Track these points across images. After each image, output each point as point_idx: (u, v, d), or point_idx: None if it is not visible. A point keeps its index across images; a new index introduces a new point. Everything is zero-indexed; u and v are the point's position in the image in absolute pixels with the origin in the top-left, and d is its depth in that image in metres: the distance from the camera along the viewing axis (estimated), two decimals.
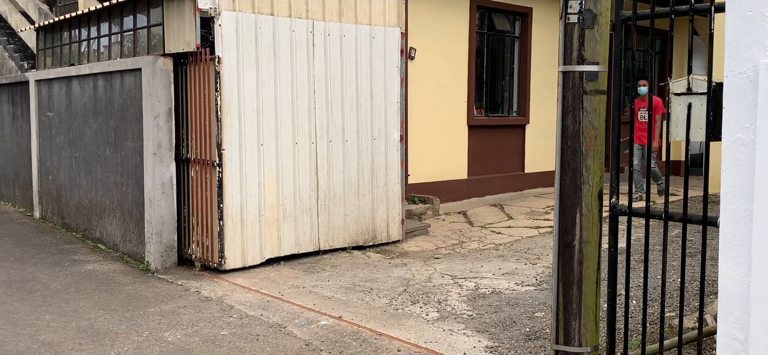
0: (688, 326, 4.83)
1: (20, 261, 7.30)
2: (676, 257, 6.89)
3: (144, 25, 7.67)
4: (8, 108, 11.09)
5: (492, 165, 11.85)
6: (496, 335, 5.03)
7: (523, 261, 7.30)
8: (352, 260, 7.38)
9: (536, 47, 12.25)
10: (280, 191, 7.09)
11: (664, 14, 3.22)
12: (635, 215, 3.36)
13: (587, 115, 3.32)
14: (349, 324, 5.27)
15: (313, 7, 7.25)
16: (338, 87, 7.49)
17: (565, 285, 3.46)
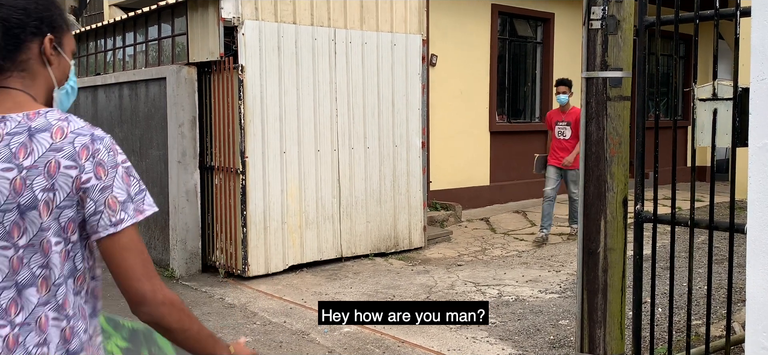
0: (715, 334, 4.76)
1: None
2: (702, 265, 6.81)
3: (168, 34, 7.77)
4: None
5: (514, 171, 11.79)
6: (520, 342, 5.00)
7: (547, 268, 7.26)
8: (374, 267, 7.38)
9: (558, 53, 12.19)
10: (303, 198, 7.13)
11: (689, 19, 3.20)
12: (661, 221, 3.33)
13: (611, 121, 3.30)
14: (371, 331, 5.28)
15: (335, 15, 7.29)
16: (360, 94, 7.52)
17: (589, 293, 3.44)
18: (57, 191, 1.47)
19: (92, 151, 1.49)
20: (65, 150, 1.48)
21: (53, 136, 1.48)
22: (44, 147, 1.47)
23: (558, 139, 8.50)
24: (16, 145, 1.46)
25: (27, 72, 1.53)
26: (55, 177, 1.46)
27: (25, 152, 1.46)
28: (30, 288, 1.50)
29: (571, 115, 8.29)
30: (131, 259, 1.53)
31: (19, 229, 1.47)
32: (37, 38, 1.53)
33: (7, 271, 1.49)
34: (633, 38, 3.35)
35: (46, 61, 1.55)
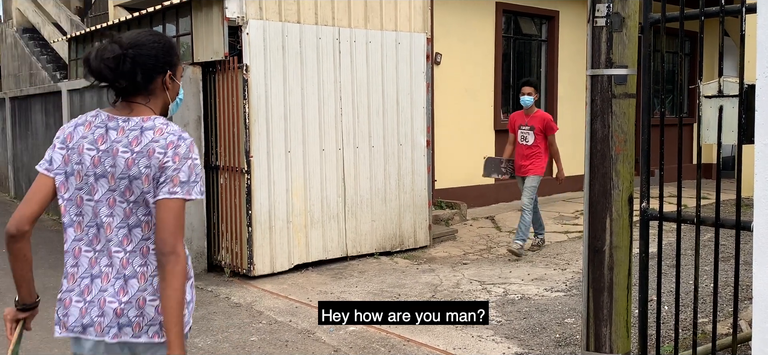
0: (721, 332, 4.75)
1: (54, 268, 7.43)
2: (708, 262, 6.79)
3: (173, 34, 7.78)
4: (41, 117, 11.31)
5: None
6: (526, 341, 4.99)
7: (553, 266, 7.24)
8: (379, 265, 7.38)
9: (563, 51, 12.16)
10: (308, 197, 7.13)
11: (694, 16, 3.18)
12: (666, 219, 3.32)
13: (616, 118, 3.29)
14: (376, 330, 5.28)
15: (339, 14, 7.29)
16: (364, 93, 7.52)
17: (595, 291, 3.43)
18: (152, 168, 2.19)
19: (175, 146, 2.21)
20: (160, 142, 2.20)
21: (155, 133, 2.22)
22: (148, 139, 2.21)
23: (520, 144, 7.73)
24: (132, 137, 2.22)
25: (151, 94, 2.30)
26: (151, 159, 2.19)
27: (136, 142, 2.21)
28: (136, 228, 2.26)
29: (535, 120, 7.60)
30: (171, 218, 2.16)
31: (130, 191, 2.22)
32: (160, 74, 2.30)
33: (123, 217, 2.25)
34: (638, 35, 3.34)
35: (165, 87, 2.33)
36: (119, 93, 2.30)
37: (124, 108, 2.29)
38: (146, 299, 2.24)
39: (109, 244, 2.26)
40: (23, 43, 16.65)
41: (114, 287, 2.24)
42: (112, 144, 2.22)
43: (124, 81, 2.23)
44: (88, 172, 2.24)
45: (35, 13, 16.72)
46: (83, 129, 2.28)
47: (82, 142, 2.25)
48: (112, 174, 2.22)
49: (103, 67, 2.21)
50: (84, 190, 2.26)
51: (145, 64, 2.24)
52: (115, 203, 2.24)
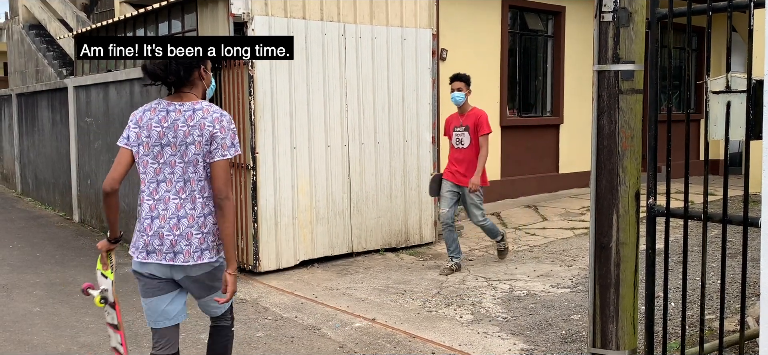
0: (729, 328, 4.73)
1: (61, 264, 7.45)
2: (715, 259, 6.76)
3: (178, 30, 7.78)
4: (48, 114, 11.34)
5: (525, 166, 11.75)
6: (532, 337, 4.98)
7: (559, 263, 7.23)
8: (385, 262, 7.38)
9: (570, 46, 12.12)
10: (313, 193, 7.13)
11: (701, 11, 3.16)
12: (673, 215, 3.30)
13: (623, 114, 3.28)
14: (382, 326, 5.27)
15: (345, 10, 7.28)
16: (370, 89, 7.51)
17: (601, 287, 3.42)
18: (203, 137, 3.08)
19: (220, 120, 3.11)
20: (208, 118, 3.09)
21: (204, 112, 3.11)
22: (199, 117, 3.10)
23: (455, 148, 6.76)
24: (186, 115, 3.10)
25: (193, 84, 3.19)
26: (203, 131, 3.08)
27: (190, 119, 3.09)
28: (188, 183, 3.11)
29: (469, 119, 6.70)
30: (223, 174, 3.10)
31: (186, 154, 3.10)
32: (196, 68, 3.17)
33: (180, 174, 3.11)
34: (645, 31, 3.32)
35: (201, 77, 3.22)
36: (170, 87, 3.16)
37: (176, 98, 3.16)
38: (193, 234, 3.11)
39: (167, 194, 3.11)
40: (29, 40, 16.70)
41: (169, 225, 3.10)
42: (173, 122, 3.10)
43: (173, 77, 3.11)
44: (154, 143, 3.11)
45: (41, 9, 16.76)
46: (150, 113, 3.15)
47: (149, 122, 3.13)
48: (173, 143, 3.10)
49: (157, 69, 3.10)
50: (150, 156, 3.13)
51: (185, 62, 3.12)
52: (175, 164, 3.11)
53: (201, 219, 3.11)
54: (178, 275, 3.15)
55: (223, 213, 3.08)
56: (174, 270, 3.13)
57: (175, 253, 3.09)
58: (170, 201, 3.10)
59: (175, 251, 3.09)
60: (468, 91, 6.75)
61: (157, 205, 3.11)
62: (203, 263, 3.12)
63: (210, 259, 3.13)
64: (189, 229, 3.09)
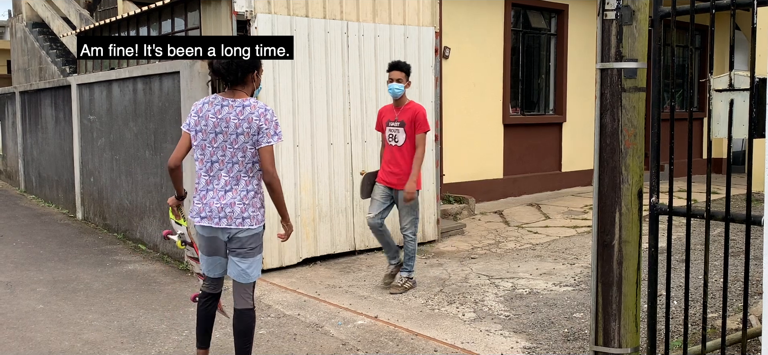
0: (731, 327, 4.73)
1: (64, 261, 7.47)
2: (718, 257, 6.76)
3: (182, 28, 7.79)
4: (51, 112, 11.36)
5: (528, 164, 11.75)
6: (534, 335, 4.99)
7: (561, 261, 7.23)
8: None
9: (573, 44, 12.11)
10: (316, 191, 7.14)
11: (705, 9, 3.16)
12: (676, 214, 3.30)
13: (626, 112, 3.28)
14: (385, 324, 5.28)
15: (348, 8, 7.28)
16: (373, 87, 7.51)
17: (604, 286, 3.42)
18: (251, 128, 3.77)
19: (265, 114, 3.80)
20: (255, 113, 3.78)
21: (251, 108, 3.79)
22: (248, 112, 3.79)
23: (389, 145, 6.00)
24: (237, 109, 3.79)
25: (246, 84, 3.91)
26: (251, 123, 3.77)
27: (241, 112, 3.79)
28: (236, 164, 3.84)
29: (406, 114, 5.93)
30: (269, 157, 3.82)
31: (236, 141, 3.80)
32: (250, 72, 3.91)
33: (230, 157, 3.83)
34: (648, 29, 3.32)
35: (253, 79, 3.95)
36: (228, 83, 3.87)
37: (229, 94, 3.88)
38: (236, 203, 3.84)
39: (220, 172, 3.86)
40: (33, 38, 16.72)
41: (218, 196, 3.85)
42: (226, 114, 3.81)
43: (232, 75, 3.83)
44: (210, 130, 3.84)
45: (45, 7, 16.78)
46: (208, 105, 3.87)
47: (207, 112, 3.85)
48: (225, 131, 3.80)
49: (222, 67, 3.84)
50: (207, 140, 3.86)
51: (243, 65, 3.86)
52: (226, 148, 3.83)
53: (243, 193, 3.86)
54: (224, 236, 3.91)
55: (272, 188, 3.85)
56: (220, 232, 3.90)
57: (220, 218, 3.85)
58: (221, 178, 3.86)
59: (220, 216, 3.85)
60: (407, 83, 5.98)
61: (212, 180, 3.88)
62: (244, 229, 3.86)
63: (250, 226, 3.87)
64: (233, 199, 3.84)
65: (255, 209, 3.88)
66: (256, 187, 3.89)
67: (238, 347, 4.00)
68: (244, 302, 4.00)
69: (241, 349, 4.00)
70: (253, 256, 3.94)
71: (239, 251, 3.91)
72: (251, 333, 4.02)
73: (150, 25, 8.67)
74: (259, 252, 3.96)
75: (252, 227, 3.89)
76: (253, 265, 3.94)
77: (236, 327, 4.00)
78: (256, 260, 3.96)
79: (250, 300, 4.02)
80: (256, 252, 3.94)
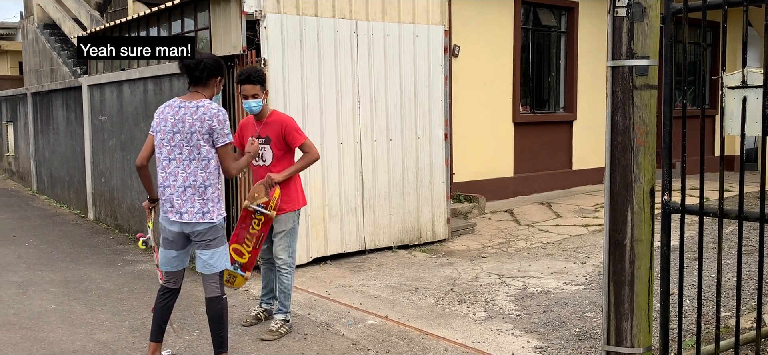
0: (745, 326, 4.69)
1: (75, 262, 7.51)
2: (731, 255, 6.70)
3: (191, 29, 7.81)
4: (62, 113, 11.42)
5: (539, 162, 11.71)
6: (545, 335, 4.96)
7: (572, 260, 7.19)
8: (397, 259, 7.37)
9: (583, 42, 12.06)
10: (326, 190, 7.14)
11: (717, 5, 3.13)
12: (688, 212, 3.28)
13: (638, 110, 3.25)
14: (395, 323, 5.27)
15: (357, 7, 7.27)
16: (382, 87, 7.50)
17: (616, 285, 3.39)
18: (204, 127, 4.03)
19: (217, 115, 4.06)
20: (208, 114, 4.04)
21: (205, 109, 4.05)
22: (201, 112, 4.05)
23: (255, 166, 5.15)
24: (192, 110, 4.06)
25: (207, 87, 4.19)
26: (204, 122, 4.03)
27: (195, 113, 4.05)
28: (193, 161, 4.08)
29: (270, 128, 5.05)
30: (227, 157, 4.13)
31: (191, 140, 4.05)
32: (213, 77, 4.20)
33: (186, 154, 4.07)
34: (659, 26, 3.29)
35: (215, 85, 4.23)
36: (192, 81, 4.16)
37: (188, 96, 4.16)
38: (195, 199, 4.10)
39: (177, 169, 4.10)
40: (44, 39, 16.82)
41: (177, 193, 4.11)
42: (183, 114, 4.08)
43: (198, 74, 4.14)
44: (168, 130, 4.10)
45: (56, 8, 16.87)
46: (168, 108, 4.15)
47: (167, 114, 4.13)
48: (182, 130, 4.06)
49: (191, 63, 4.15)
50: (165, 139, 4.12)
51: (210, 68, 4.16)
52: (183, 147, 4.08)
53: (201, 189, 4.10)
54: (185, 231, 4.15)
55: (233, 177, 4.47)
56: (182, 226, 4.14)
57: (181, 213, 4.11)
58: (178, 175, 4.10)
59: (181, 212, 4.10)
60: (264, 94, 5.03)
61: (169, 177, 4.12)
62: (204, 222, 4.12)
63: (209, 219, 4.13)
64: (192, 196, 4.10)
65: (213, 203, 4.13)
66: (213, 182, 4.14)
67: (212, 331, 4.29)
68: (212, 291, 4.25)
69: (214, 333, 4.28)
70: (214, 247, 4.18)
71: (200, 243, 4.17)
72: (222, 319, 4.26)
73: (160, 26, 8.70)
74: (220, 244, 4.20)
75: (212, 221, 4.13)
76: (214, 255, 4.19)
77: (208, 314, 4.29)
78: (218, 251, 4.21)
79: (216, 289, 4.25)
80: (216, 243, 4.18)
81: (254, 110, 4.98)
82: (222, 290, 4.28)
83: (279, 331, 5.04)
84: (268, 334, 5.02)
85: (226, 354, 4.30)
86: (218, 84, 4.23)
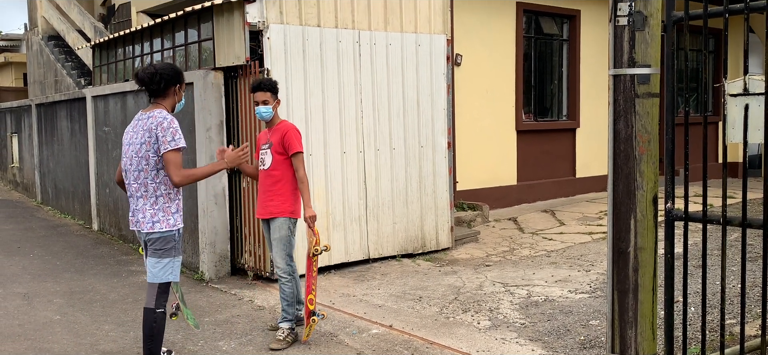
0: (750, 333, 4.68)
1: (80, 272, 7.52)
2: (734, 263, 6.69)
3: (195, 40, 7.85)
4: (67, 124, 11.46)
5: (542, 170, 11.71)
6: (550, 343, 4.96)
7: (576, 268, 7.19)
8: (401, 268, 7.38)
9: (585, 50, 12.07)
10: (329, 199, 7.15)
11: (718, 13, 3.14)
12: (692, 219, 3.28)
13: (640, 118, 3.26)
14: (400, 333, 5.27)
15: (359, 17, 7.30)
16: (385, 96, 7.52)
17: (620, 293, 3.39)
18: (151, 136, 4.13)
19: (162, 123, 4.11)
20: (154, 122, 4.13)
21: (154, 118, 4.14)
22: (150, 122, 4.14)
23: (261, 171, 5.29)
24: (144, 121, 4.18)
25: (166, 97, 4.27)
26: (151, 132, 4.13)
27: (145, 124, 4.15)
28: (142, 172, 4.18)
29: (275, 134, 5.22)
30: (171, 163, 4.12)
31: (141, 150, 4.16)
32: (172, 86, 4.25)
33: (137, 165, 4.19)
34: (661, 34, 3.30)
35: (175, 93, 4.30)
36: (151, 94, 4.25)
37: (150, 108, 4.23)
38: (147, 209, 4.20)
39: (132, 181, 4.23)
40: (48, 51, 16.90)
41: (134, 201, 4.26)
42: (138, 126, 4.20)
43: (155, 86, 4.21)
44: (127, 143, 4.27)
45: (60, 20, 16.95)
46: (133, 122, 4.28)
47: (129, 129, 4.30)
48: (135, 142, 4.19)
49: (145, 77, 4.19)
50: (125, 152, 4.27)
51: (166, 77, 4.22)
52: (134, 158, 4.21)
53: (152, 199, 4.19)
54: (143, 238, 4.28)
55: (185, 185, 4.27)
56: (140, 235, 4.28)
57: (137, 221, 4.24)
58: (132, 185, 4.25)
59: (137, 220, 4.24)
60: (276, 102, 5.24)
61: (129, 188, 4.28)
62: (154, 232, 4.19)
63: (159, 229, 4.18)
64: (144, 205, 4.20)
65: (165, 214, 4.19)
66: (163, 192, 4.18)
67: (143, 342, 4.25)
68: (148, 301, 4.24)
69: (144, 345, 4.24)
70: (159, 257, 4.19)
71: (150, 251, 4.23)
72: (152, 331, 4.21)
73: (164, 37, 8.74)
74: (168, 255, 4.20)
75: (162, 230, 4.18)
76: (157, 265, 4.19)
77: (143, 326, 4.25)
78: (164, 262, 4.20)
79: (152, 300, 4.22)
80: (164, 254, 4.19)
81: (264, 117, 5.23)
82: (158, 304, 4.21)
83: (286, 339, 5.07)
84: (276, 343, 5.04)
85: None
86: (178, 91, 4.29)
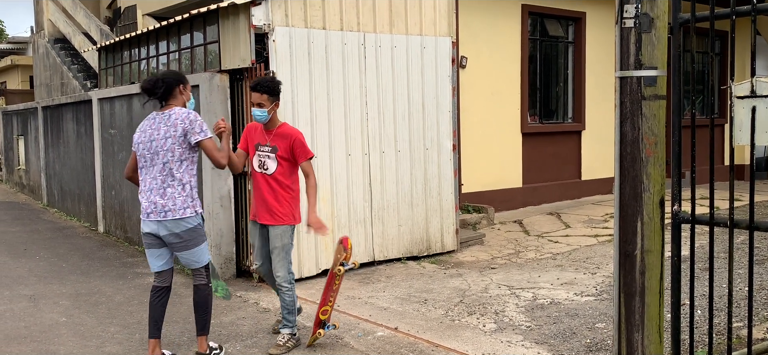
0: (757, 336, 4.66)
1: (86, 275, 7.54)
2: (742, 265, 6.66)
3: (201, 42, 7.86)
4: (73, 126, 11.50)
5: (547, 173, 11.69)
6: (556, 346, 4.94)
7: (582, 271, 7.17)
8: (406, 270, 7.37)
9: (591, 52, 12.05)
10: (335, 202, 7.15)
11: (725, 15, 3.13)
12: (699, 222, 3.26)
13: (646, 121, 3.24)
14: (405, 335, 5.26)
15: (364, 20, 7.30)
16: (390, 98, 7.52)
17: (626, 296, 3.38)
18: (177, 131, 4.48)
19: (188, 116, 4.50)
20: (179, 118, 4.50)
21: (177, 114, 4.51)
22: (173, 118, 4.51)
23: (257, 173, 5.03)
24: (166, 118, 4.53)
25: (174, 98, 4.61)
26: (177, 127, 4.48)
27: (169, 121, 4.51)
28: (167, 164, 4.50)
29: (279, 139, 4.98)
30: (212, 149, 4.55)
31: (166, 144, 4.50)
32: (175, 87, 4.60)
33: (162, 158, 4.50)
34: (667, 36, 3.29)
35: (181, 92, 4.64)
36: (159, 100, 4.57)
37: (164, 109, 4.57)
38: (177, 197, 4.49)
39: (158, 174, 4.51)
40: (55, 53, 16.96)
41: (157, 194, 4.50)
42: (158, 123, 4.53)
43: (158, 92, 4.55)
44: (147, 140, 4.55)
45: (66, 23, 17.01)
46: (148, 122, 4.59)
47: (146, 127, 4.59)
48: (157, 138, 4.50)
49: (148, 85, 4.55)
50: (146, 148, 4.55)
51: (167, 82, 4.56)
52: (159, 152, 4.49)
53: (180, 187, 4.49)
54: (162, 231, 4.50)
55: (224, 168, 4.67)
56: (160, 226, 4.50)
57: (159, 212, 4.48)
58: (157, 178, 4.51)
59: (158, 211, 4.48)
60: (274, 104, 4.96)
61: (150, 182, 4.52)
62: (186, 217, 4.50)
63: (190, 214, 4.52)
64: (171, 196, 4.48)
65: (193, 201, 4.55)
66: (187, 181, 4.53)
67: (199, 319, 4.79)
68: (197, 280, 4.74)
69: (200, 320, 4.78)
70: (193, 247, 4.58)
71: (178, 245, 4.56)
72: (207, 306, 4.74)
73: (169, 40, 8.76)
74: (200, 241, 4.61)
75: (191, 216, 4.53)
76: (194, 255, 4.61)
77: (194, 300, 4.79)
78: (198, 249, 4.61)
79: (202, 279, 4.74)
80: (195, 242, 4.58)
81: (259, 120, 4.94)
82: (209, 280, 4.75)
83: (286, 345, 5.02)
84: (275, 348, 5.01)
85: None
86: (184, 91, 4.62)
